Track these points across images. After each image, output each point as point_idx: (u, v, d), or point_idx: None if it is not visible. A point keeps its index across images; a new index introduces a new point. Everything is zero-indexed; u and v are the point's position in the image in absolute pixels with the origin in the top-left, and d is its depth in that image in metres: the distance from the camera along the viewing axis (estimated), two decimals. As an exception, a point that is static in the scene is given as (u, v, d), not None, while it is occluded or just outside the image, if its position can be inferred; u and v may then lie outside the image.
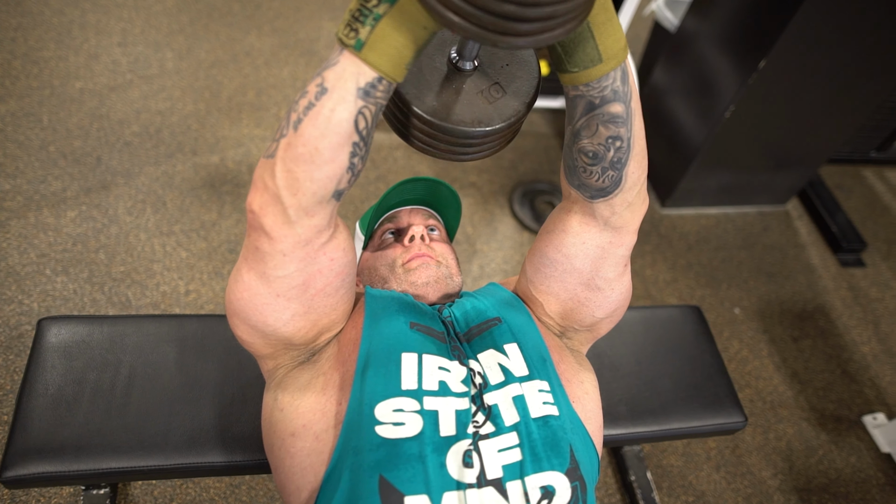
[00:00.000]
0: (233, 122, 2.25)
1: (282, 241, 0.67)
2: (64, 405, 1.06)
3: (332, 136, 0.61)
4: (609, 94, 0.67)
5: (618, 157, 0.72)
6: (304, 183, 0.63)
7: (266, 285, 0.72)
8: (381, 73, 0.59)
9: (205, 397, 1.12)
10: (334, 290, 0.77)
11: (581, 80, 0.66)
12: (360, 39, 0.57)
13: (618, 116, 0.68)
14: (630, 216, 0.80)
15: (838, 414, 1.96)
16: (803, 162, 2.32)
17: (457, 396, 0.76)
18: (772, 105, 2.02)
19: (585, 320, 0.91)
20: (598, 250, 0.83)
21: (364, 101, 0.60)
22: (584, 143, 0.72)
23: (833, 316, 2.22)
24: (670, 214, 2.41)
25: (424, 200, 1.14)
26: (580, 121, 0.70)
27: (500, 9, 0.49)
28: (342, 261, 0.75)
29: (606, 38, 0.64)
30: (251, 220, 0.68)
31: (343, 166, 0.64)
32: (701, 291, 2.18)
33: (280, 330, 0.77)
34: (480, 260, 2.08)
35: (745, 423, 1.31)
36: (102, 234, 1.86)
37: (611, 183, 0.75)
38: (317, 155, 0.62)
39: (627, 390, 1.29)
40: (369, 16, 0.57)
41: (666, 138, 2.34)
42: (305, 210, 0.65)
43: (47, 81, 2.19)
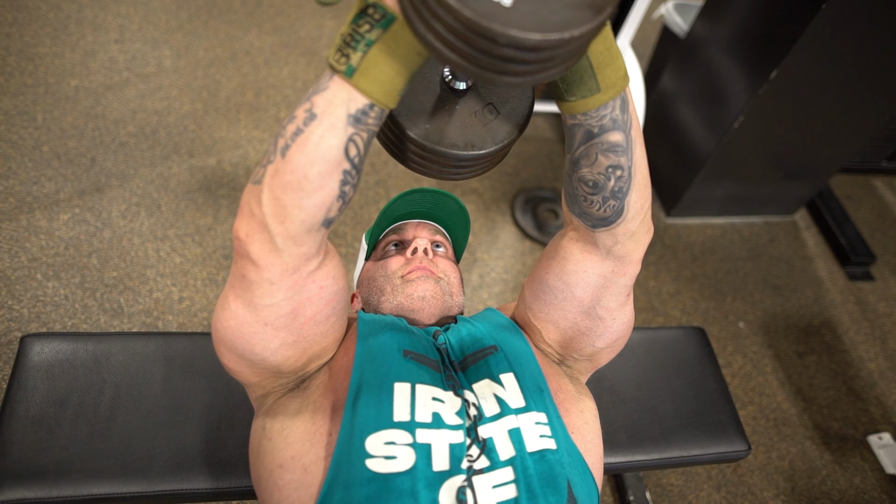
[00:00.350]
0: (230, 123, 2.21)
1: (269, 269, 0.65)
2: (45, 428, 1.02)
3: (321, 163, 0.59)
4: (608, 123, 0.65)
5: (619, 187, 0.70)
6: (292, 211, 0.61)
7: (253, 314, 0.69)
8: (372, 100, 0.57)
9: (191, 420, 1.09)
10: (324, 318, 0.74)
11: (579, 109, 0.65)
12: (351, 65, 0.55)
13: (617, 145, 0.67)
14: (633, 246, 0.78)
15: (843, 433, 1.92)
16: (813, 173, 2.27)
17: (451, 429, 0.72)
18: (782, 116, 1.97)
19: (585, 349, 0.88)
20: (600, 279, 0.81)
21: (355, 129, 0.58)
22: (584, 173, 0.70)
23: (840, 331, 2.18)
24: (675, 224, 2.36)
25: (432, 214, 1.11)
26: (579, 149, 0.69)
27: (498, 52, 0.48)
28: (332, 288, 0.72)
29: (605, 67, 0.62)
30: (237, 248, 0.66)
31: (333, 195, 0.61)
32: (705, 304, 2.14)
33: (268, 359, 0.74)
34: (481, 269, 2.04)
35: (748, 452, 1.27)
36: (95, 238, 1.82)
37: (612, 213, 0.73)
38: (305, 182, 0.59)
39: (627, 416, 1.25)
40: (361, 41, 0.55)
41: (673, 146, 2.29)
42: (293, 238, 0.63)
43: (42, 79, 2.14)
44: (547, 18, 0.47)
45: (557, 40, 0.47)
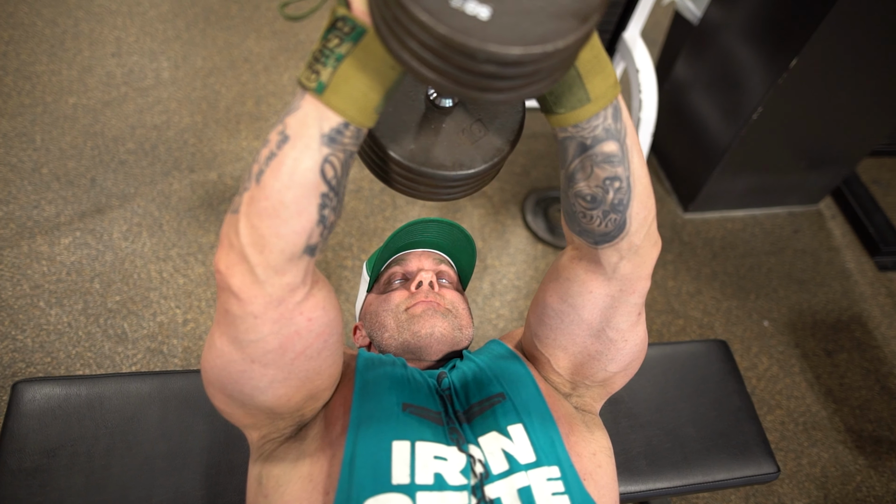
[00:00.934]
0: (231, 134, 2.16)
1: (251, 302, 0.60)
2: (38, 481, 0.99)
3: (296, 187, 0.55)
4: (601, 134, 0.62)
5: (618, 199, 0.66)
6: (271, 239, 0.57)
7: (239, 351, 0.64)
8: (346, 119, 0.54)
9: (189, 466, 1.05)
10: (316, 352, 0.68)
11: (570, 121, 0.61)
12: (321, 82, 0.52)
13: (613, 155, 0.63)
14: (640, 261, 0.72)
15: (877, 435, 1.83)
16: (839, 160, 2.16)
17: (454, 490, 0.67)
18: (804, 104, 1.87)
19: (598, 375, 0.83)
20: (608, 299, 0.75)
21: (330, 149, 0.54)
22: (581, 187, 0.66)
23: (871, 326, 2.08)
24: (694, 219, 2.27)
25: (436, 243, 1.05)
26: (573, 163, 0.65)
27: (477, 69, 0.44)
28: (322, 320, 0.67)
29: (594, 77, 0.59)
30: (219, 281, 0.61)
31: (312, 220, 0.57)
32: (727, 303, 2.06)
33: (258, 398, 0.68)
34: (492, 276, 1.98)
35: (778, 475, 1.20)
36: (97, 262, 1.79)
37: (614, 227, 0.68)
38: (282, 209, 0.55)
39: (647, 441, 1.19)
40: (331, 56, 0.51)
41: (688, 139, 2.19)
42: (274, 269, 0.58)
43: (40, 98, 2.11)
44: (528, 31, 0.43)
45: (540, 54, 0.44)
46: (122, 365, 1.62)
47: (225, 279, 0.60)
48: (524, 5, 0.44)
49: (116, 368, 1.62)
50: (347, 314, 1.81)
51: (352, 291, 1.86)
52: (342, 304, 1.83)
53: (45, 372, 1.58)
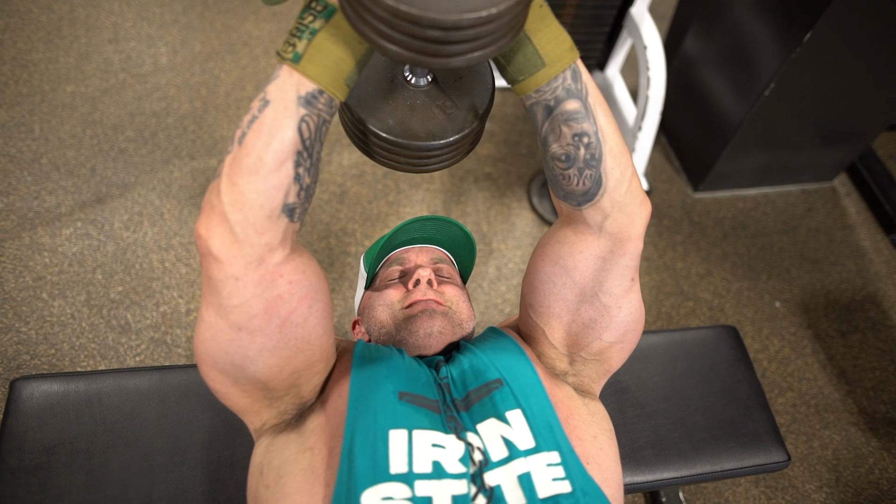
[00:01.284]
0: (231, 120, 2.13)
1: (231, 263, 0.62)
2: (38, 479, 0.98)
3: (275, 144, 0.59)
4: (562, 94, 0.66)
5: (590, 154, 0.69)
6: (250, 196, 0.60)
7: (225, 318, 0.65)
8: (320, 86, 0.59)
9: (189, 461, 1.04)
10: (302, 318, 0.69)
11: (530, 87, 0.66)
12: (297, 52, 0.59)
13: (576, 112, 0.67)
14: (626, 219, 0.73)
15: (891, 416, 1.80)
16: (853, 137, 2.10)
17: (453, 478, 0.66)
18: (818, 79, 1.81)
19: (593, 345, 0.82)
20: (599, 261, 0.76)
21: (306, 110, 0.60)
22: (554, 149, 0.70)
23: (886, 305, 2.04)
24: (704, 199, 2.22)
25: (434, 239, 1.03)
26: (543, 127, 0.69)
27: (424, 34, 0.51)
28: (303, 283, 0.68)
29: (546, 43, 0.64)
30: (200, 247, 0.64)
31: (289, 176, 0.61)
32: (738, 284, 2.02)
33: (249, 369, 0.69)
34: (497, 261, 1.95)
35: (788, 463, 1.18)
36: (99, 252, 1.78)
37: (592, 183, 0.71)
38: (261, 165, 0.60)
39: (654, 431, 1.17)
40: (305, 31, 0.58)
41: (698, 115, 2.14)
42: (253, 226, 0.61)
43: (38, 87, 2.09)
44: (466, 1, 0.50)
45: (474, 19, 0.50)
46: (125, 356, 1.62)
47: (205, 242, 0.62)
48: None
49: (120, 359, 1.61)
50: (350, 301, 1.80)
51: (355, 278, 1.84)
52: (345, 291, 1.81)
53: (49, 364, 1.58)
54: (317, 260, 1.83)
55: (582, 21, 1.98)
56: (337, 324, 1.75)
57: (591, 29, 2.03)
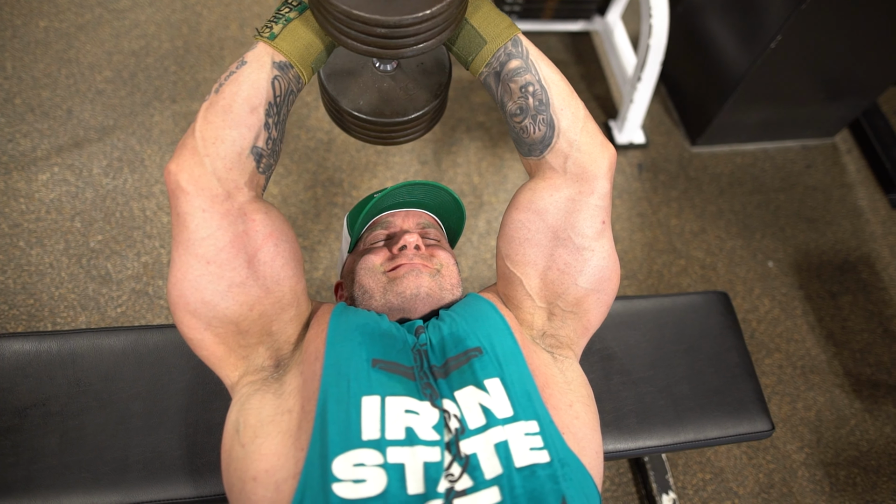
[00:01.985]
0: (214, 60, 2.03)
1: (199, 194, 0.68)
2: (10, 441, 0.97)
3: (250, 89, 0.69)
4: (504, 57, 0.75)
5: (538, 100, 0.76)
6: (223, 131, 0.68)
7: (193, 253, 0.70)
8: (290, 61, 0.71)
9: (166, 425, 1.02)
10: (269, 257, 0.73)
11: (479, 64, 0.77)
12: (273, 33, 0.70)
13: (519, 68, 0.75)
14: (587, 159, 0.78)
15: (875, 379, 1.81)
16: (859, 92, 2.03)
17: (426, 445, 0.66)
18: (826, 32, 1.72)
19: (569, 291, 0.82)
20: (569, 202, 0.80)
21: (279, 72, 0.70)
22: (510, 107, 0.78)
23: (878, 267, 2.02)
24: (701, 153, 2.17)
25: (422, 203, 1.00)
26: (497, 92, 0.78)
27: (374, 31, 0.65)
28: (267, 223, 0.73)
29: (485, 25, 0.75)
30: (170, 184, 0.69)
31: (260, 121, 0.70)
32: (731, 242, 1.99)
33: (220, 306, 0.71)
34: (487, 214, 1.91)
35: (772, 432, 1.18)
36: (77, 200, 1.72)
37: (546, 127, 0.77)
38: (235, 105, 0.68)
39: (639, 399, 1.16)
40: (282, 18, 0.71)
41: (700, 67, 2.06)
42: (223, 160, 0.68)
43: (8, 21, 1.98)
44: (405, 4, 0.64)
45: (413, 18, 0.64)
46: (106, 307, 1.59)
47: (175, 177, 0.68)
48: None
49: (101, 310, 1.59)
50: (335, 252, 1.76)
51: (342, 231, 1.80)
52: (332, 243, 1.78)
53: (28, 314, 1.55)
54: (303, 210, 1.78)
55: (584, -38, 1.88)
56: (323, 277, 1.72)
57: (593, -29, 1.93)
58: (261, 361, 0.76)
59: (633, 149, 2.11)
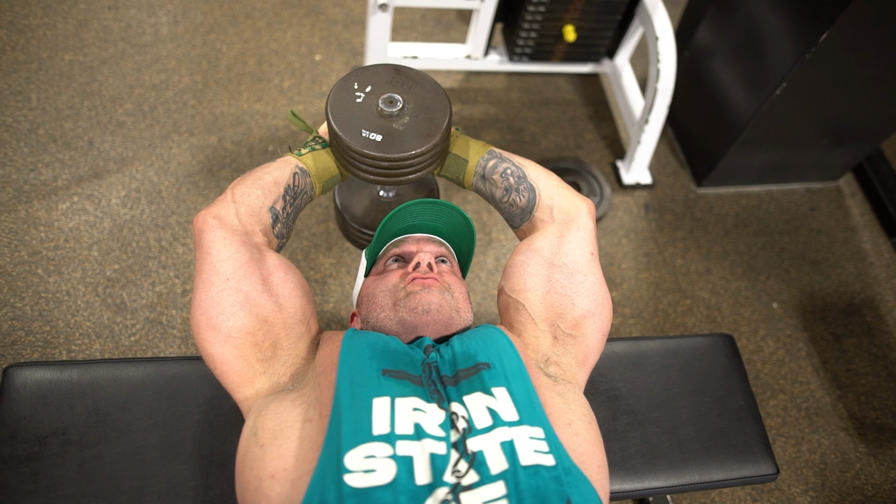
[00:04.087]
0: (232, 95, 2.09)
1: (222, 227, 0.84)
2: (29, 469, 0.99)
3: (275, 172, 0.92)
4: (482, 163, 1.00)
5: (517, 177, 0.98)
6: (250, 189, 0.89)
7: (215, 273, 0.82)
8: (308, 170, 0.96)
9: (181, 456, 1.04)
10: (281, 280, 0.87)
11: (468, 179, 1.02)
12: (300, 152, 0.97)
13: (496, 164, 0.99)
14: (569, 205, 0.97)
15: (880, 423, 1.82)
16: (863, 137, 2.07)
17: (434, 439, 0.69)
18: (831, 80, 1.77)
19: (568, 312, 0.91)
20: (559, 237, 0.95)
21: (299, 171, 0.94)
22: (497, 194, 1.00)
23: (883, 310, 2.04)
24: (707, 194, 2.20)
25: (435, 227, 1.05)
26: (487, 190, 1.02)
27: (380, 164, 0.91)
28: (278, 258, 0.89)
29: (465, 151, 1.01)
30: (196, 226, 0.86)
31: (279, 193, 0.91)
32: (736, 283, 2.01)
33: (237, 315, 0.81)
34: (496, 251, 1.94)
35: (776, 476, 1.19)
36: (95, 229, 1.76)
37: (528, 192, 0.98)
38: (260, 180, 0.91)
39: (645, 440, 1.17)
40: (307, 147, 0.98)
41: (706, 110, 2.10)
42: (247, 207, 0.87)
43: (35, 54, 2.04)
44: (403, 144, 0.91)
45: (406, 156, 0.91)
46: (120, 335, 1.62)
47: (203, 218, 0.85)
48: (399, 133, 0.92)
49: (115, 339, 1.61)
50: (348, 287, 1.79)
51: (353, 263, 1.83)
52: (343, 277, 1.81)
53: (43, 341, 1.58)
54: (315, 244, 1.81)
55: (593, 7, 1.93)
56: (333, 310, 1.75)
57: (602, 16, 1.99)
58: (276, 378, 0.82)
59: (639, 189, 2.15)
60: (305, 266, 1.80)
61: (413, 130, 0.93)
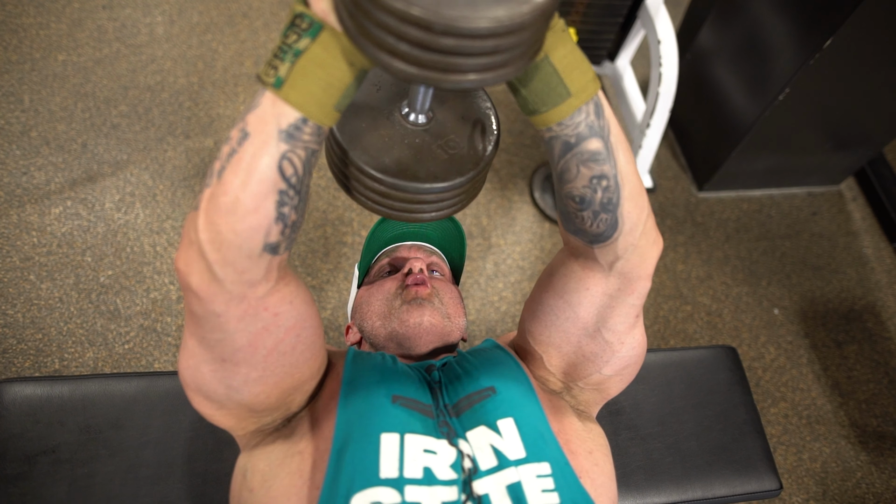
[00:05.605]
0: (228, 97, 2.06)
1: (212, 300, 0.59)
2: (18, 489, 0.97)
3: (253, 184, 0.54)
4: (584, 131, 0.60)
5: (607, 198, 0.64)
6: (227, 236, 0.55)
7: (208, 351, 0.64)
8: (304, 114, 0.52)
9: (175, 474, 1.02)
10: (289, 347, 0.67)
11: (552, 119, 0.60)
12: (279, 77, 0.51)
13: (597, 153, 0.61)
14: (638, 261, 0.71)
15: (882, 430, 1.80)
16: (865, 142, 2.05)
17: (444, 485, 0.66)
18: (834, 86, 1.75)
19: (591, 377, 0.81)
20: (606, 298, 0.74)
21: (288, 145, 0.53)
22: (570, 188, 0.65)
23: (884, 316, 2.02)
24: (708, 198, 2.18)
25: (425, 234, 1.03)
26: (560, 163, 0.64)
27: (436, 43, 0.45)
28: (290, 314, 0.65)
29: (571, 70, 0.57)
30: (180, 280, 0.61)
31: (269, 217, 0.56)
32: (738, 289, 2.00)
33: (234, 397, 0.68)
34: (495, 256, 1.92)
35: (780, 491, 1.17)
36: (89, 234, 1.74)
37: (606, 227, 0.67)
38: (238, 205, 0.54)
39: (647, 455, 1.15)
40: (289, 52, 0.51)
41: (708, 114, 2.08)
42: (232, 266, 0.57)
43: (27, 54, 2.01)
44: (485, 6, 0.44)
45: (496, 26, 0.44)
46: (114, 343, 1.59)
47: (184, 278, 0.59)
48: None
49: (109, 346, 1.59)
50: (344, 292, 1.77)
51: (350, 269, 1.80)
52: (340, 283, 1.78)
53: (35, 349, 1.55)
54: (312, 249, 1.79)
55: (595, 10, 1.91)
56: (331, 316, 1.73)
57: (604, 18, 1.96)
58: (272, 421, 0.75)
59: (640, 192, 2.13)
60: (302, 272, 1.78)
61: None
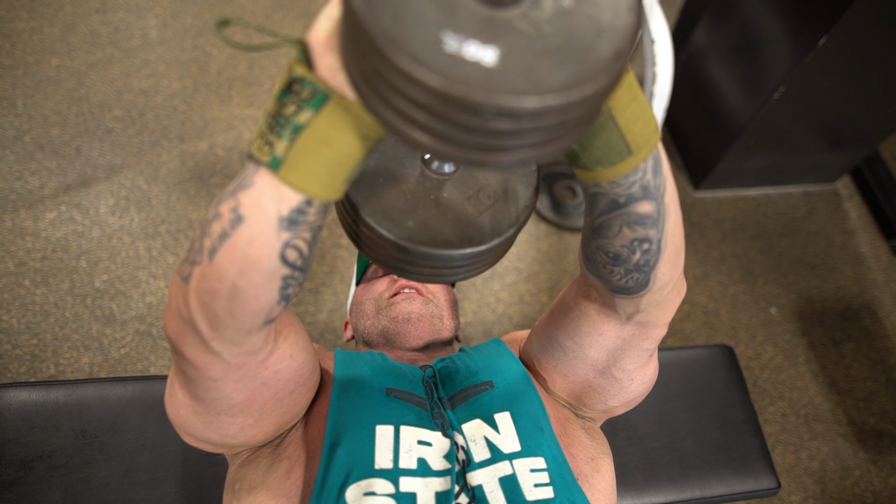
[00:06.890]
0: (222, 100, 2.06)
1: (208, 369, 0.55)
2: (13, 494, 0.96)
3: (252, 273, 0.47)
4: (637, 192, 0.52)
5: (645, 261, 0.57)
6: (224, 319, 0.50)
7: (203, 406, 0.62)
8: (308, 196, 0.44)
9: (171, 478, 1.01)
10: (287, 394, 0.66)
11: (606, 177, 0.51)
12: (276, 157, 0.42)
13: (647, 217, 0.53)
14: (659, 313, 0.66)
15: (879, 428, 1.80)
16: (861, 140, 2.05)
17: (438, 475, 0.66)
18: (829, 84, 1.75)
19: (596, 406, 0.80)
20: (619, 342, 0.71)
21: (291, 232, 0.46)
22: (604, 243, 0.58)
23: (881, 314, 2.02)
24: (704, 198, 2.18)
25: None
26: (600, 219, 0.56)
27: (485, 126, 0.35)
28: (290, 368, 0.64)
29: (634, 123, 0.48)
30: (169, 343, 0.56)
31: (271, 301, 0.50)
32: (734, 288, 2.00)
33: (230, 442, 0.68)
34: (492, 257, 1.91)
35: (778, 490, 1.17)
36: (84, 239, 1.73)
37: (635, 284, 0.60)
38: (236, 292, 0.48)
39: (645, 455, 1.15)
40: (286, 126, 0.41)
41: (703, 113, 2.08)
42: (230, 341, 0.53)
43: (21, 59, 2.00)
44: (546, 75, 0.34)
45: (564, 104, 0.34)
46: (110, 348, 1.59)
47: (176, 345, 0.54)
48: (539, 45, 0.35)
49: (105, 352, 1.58)
50: (341, 296, 1.76)
51: (346, 272, 1.80)
52: (336, 286, 1.78)
53: (31, 354, 1.54)
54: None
55: (589, 11, 1.91)
56: (327, 319, 1.72)
57: (598, 19, 1.96)
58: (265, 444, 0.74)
59: (636, 192, 2.13)
60: (298, 275, 1.77)
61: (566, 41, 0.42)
